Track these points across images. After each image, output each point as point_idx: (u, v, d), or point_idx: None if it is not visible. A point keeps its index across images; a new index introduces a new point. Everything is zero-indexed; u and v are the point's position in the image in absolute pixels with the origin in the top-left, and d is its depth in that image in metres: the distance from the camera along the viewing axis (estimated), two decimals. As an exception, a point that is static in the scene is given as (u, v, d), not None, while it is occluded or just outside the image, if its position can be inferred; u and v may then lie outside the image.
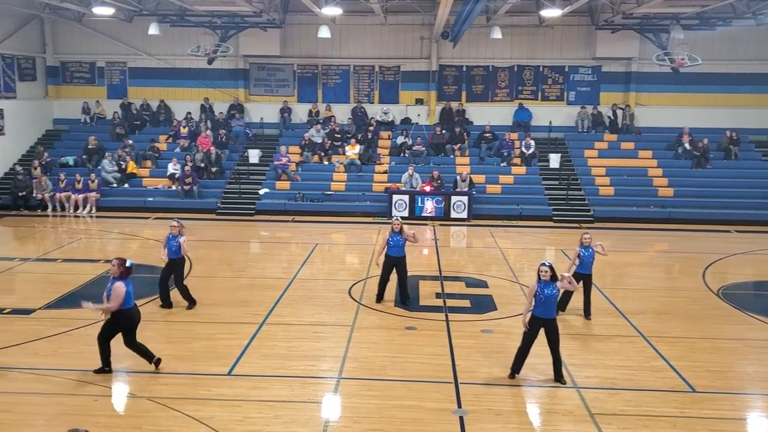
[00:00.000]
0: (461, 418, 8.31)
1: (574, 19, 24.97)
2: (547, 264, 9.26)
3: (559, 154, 24.20)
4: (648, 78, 25.95)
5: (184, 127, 25.58)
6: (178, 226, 12.17)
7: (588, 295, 12.17)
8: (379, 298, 12.86)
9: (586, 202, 23.01)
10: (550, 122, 25.75)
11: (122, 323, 9.27)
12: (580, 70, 26.39)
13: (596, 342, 11.09)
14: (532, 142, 24.74)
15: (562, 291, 9.65)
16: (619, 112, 26.10)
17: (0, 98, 24.11)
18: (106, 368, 9.42)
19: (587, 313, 12.19)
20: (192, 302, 12.45)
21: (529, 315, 9.29)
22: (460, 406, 8.65)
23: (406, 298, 12.82)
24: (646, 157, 24.84)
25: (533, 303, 9.19)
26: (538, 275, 9.23)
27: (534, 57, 26.27)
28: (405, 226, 12.74)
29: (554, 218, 22.18)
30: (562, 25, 25.51)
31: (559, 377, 9.36)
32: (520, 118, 26.18)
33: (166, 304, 12.38)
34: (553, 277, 9.19)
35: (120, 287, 9.02)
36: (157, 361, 9.56)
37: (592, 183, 23.82)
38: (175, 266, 12.20)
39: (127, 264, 9.18)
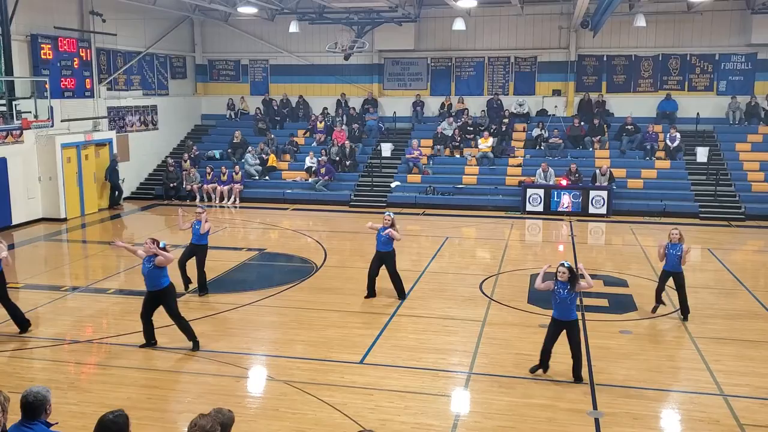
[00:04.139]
0: (597, 420, 8.01)
1: (726, 3, 23.31)
2: (566, 265, 8.95)
3: (708, 148, 22.72)
4: (813, 65, 23.83)
5: (321, 122, 26.35)
6: (202, 211, 12.90)
7: (682, 295, 11.50)
8: (368, 292, 12.68)
9: (737, 198, 21.48)
10: (698, 114, 24.18)
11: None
12: (732, 57, 24.59)
13: (747, 348, 10.32)
14: (678, 135, 23.40)
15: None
16: (777, 103, 24.16)
17: (154, 95, 25.91)
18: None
19: (683, 312, 11.53)
20: (203, 289, 12.77)
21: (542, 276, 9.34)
22: (595, 407, 8.34)
23: (400, 295, 12.61)
24: (809, 151, 22.82)
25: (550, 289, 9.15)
26: (556, 275, 8.97)
27: (681, 45, 24.78)
28: (392, 225, 12.31)
29: (701, 215, 20.88)
30: (713, 11, 23.86)
31: (577, 377, 9.02)
32: (664, 109, 24.85)
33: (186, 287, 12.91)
34: (572, 279, 8.87)
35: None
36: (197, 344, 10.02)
37: (744, 178, 22.18)
38: (197, 251, 12.81)
39: (160, 245, 9.85)
